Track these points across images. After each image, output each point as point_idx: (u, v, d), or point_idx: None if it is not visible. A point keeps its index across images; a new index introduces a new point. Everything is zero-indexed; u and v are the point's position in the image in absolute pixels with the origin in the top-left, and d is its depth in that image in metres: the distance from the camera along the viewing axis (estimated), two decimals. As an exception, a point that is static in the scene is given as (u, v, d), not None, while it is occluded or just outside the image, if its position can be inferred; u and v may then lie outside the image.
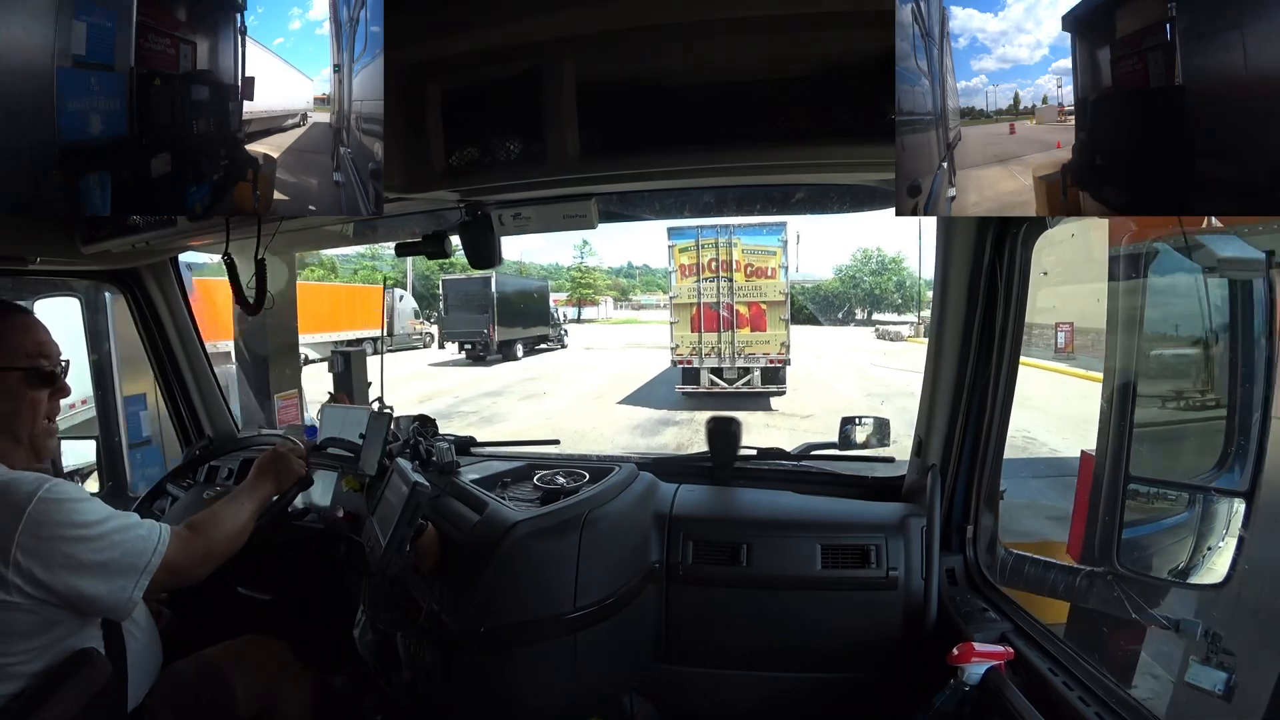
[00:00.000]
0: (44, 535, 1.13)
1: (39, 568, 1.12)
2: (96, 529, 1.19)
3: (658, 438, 9.63)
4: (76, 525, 1.16)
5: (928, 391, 1.72)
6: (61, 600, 1.16)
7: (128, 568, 1.22)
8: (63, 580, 1.14)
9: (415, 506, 1.50)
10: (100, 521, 1.20)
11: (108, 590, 1.20)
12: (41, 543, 1.12)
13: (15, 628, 1.14)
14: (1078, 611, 1.73)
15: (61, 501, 1.16)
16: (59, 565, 1.14)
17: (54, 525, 1.14)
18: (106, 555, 1.19)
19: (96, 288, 2.82)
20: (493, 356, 20.16)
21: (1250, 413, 1.47)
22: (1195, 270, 1.54)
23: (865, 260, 47.26)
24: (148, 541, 1.25)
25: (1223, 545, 1.50)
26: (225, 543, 1.45)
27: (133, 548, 1.23)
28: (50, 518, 1.14)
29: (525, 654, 1.53)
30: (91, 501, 1.22)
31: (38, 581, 1.12)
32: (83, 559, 1.16)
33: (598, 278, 57.67)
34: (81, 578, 1.16)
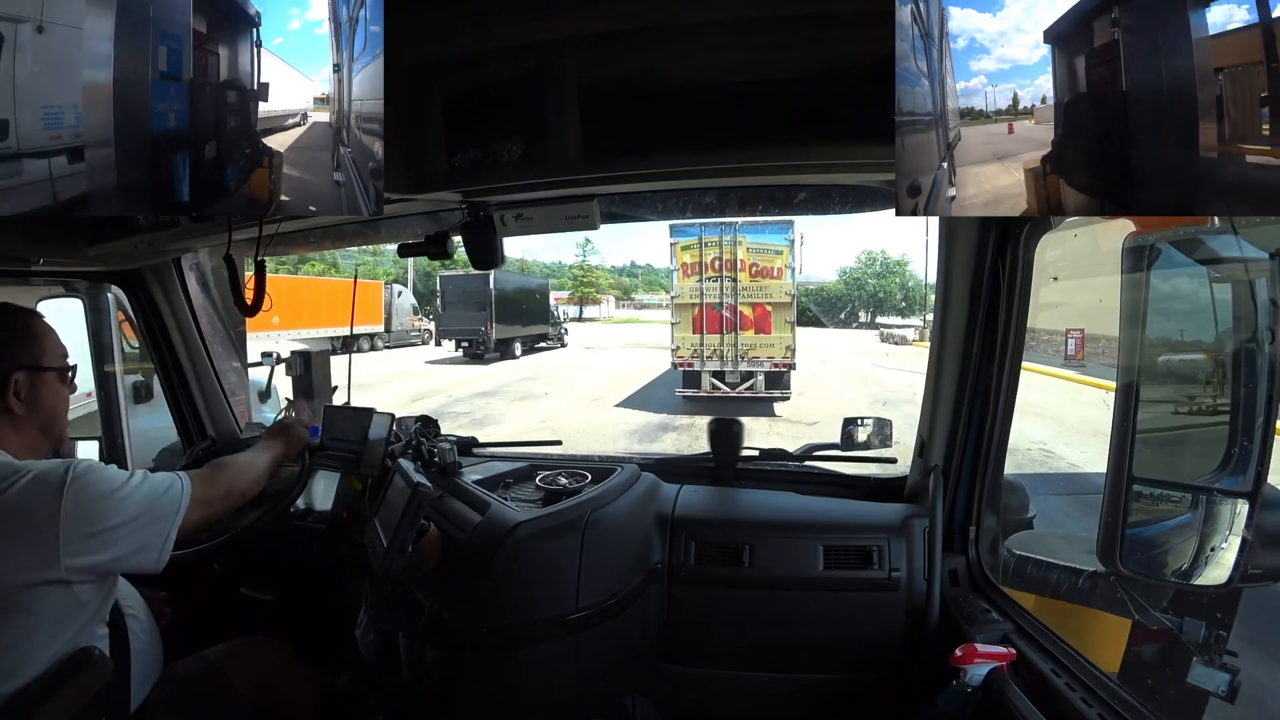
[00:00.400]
0: (85, 511, 1.18)
1: (84, 543, 1.17)
2: (125, 489, 1.25)
3: (655, 444, 9.38)
4: (107, 494, 1.21)
5: (930, 392, 1.72)
6: (103, 569, 1.22)
7: (161, 515, 1.28)
8: (106, 547, 1.19)
9: (417, 507, 1.50)
10: (125, 482, 1.26)
11: (145, 541, 1.25)
12: (85, 518, 1.17)
13: (42, 613, 1.16)
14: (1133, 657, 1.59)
15: (89, 474, 1.21)
16: (99, 534, 1.19)
17: (90, 500, 1.19)
18: (139, 509, 1.25)
19: (99, 288, 2.82)
20: (491, 355, 19.93)
21: (1254, 413, 1.46)
22: (1197, 269, 1.54)
23: (870, 262, 47.20)
24: (173, 488, 1.32)
25: (1226, 546, 1.49)
26: (244, 483, 1.56)
27: (161, 497, 1.29)
28: (85, 493, 1.18)
29: (527, 654, 1.53)
30: (110, 468, 1.27)
31: (85, 557, 1.17)
32: (121, 519, 1.21)
33: (600, 276, 57.71)
34: (121, 538, 1.21)
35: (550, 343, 24.90)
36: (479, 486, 1.84)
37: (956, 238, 1.54)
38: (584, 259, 55.25)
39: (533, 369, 18.40)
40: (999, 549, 1.70)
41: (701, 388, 11.89)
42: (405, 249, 1.76)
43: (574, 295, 53.49)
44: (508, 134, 1.22)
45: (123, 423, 2.93)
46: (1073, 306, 6.34)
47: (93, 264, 2.14)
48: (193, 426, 2.55)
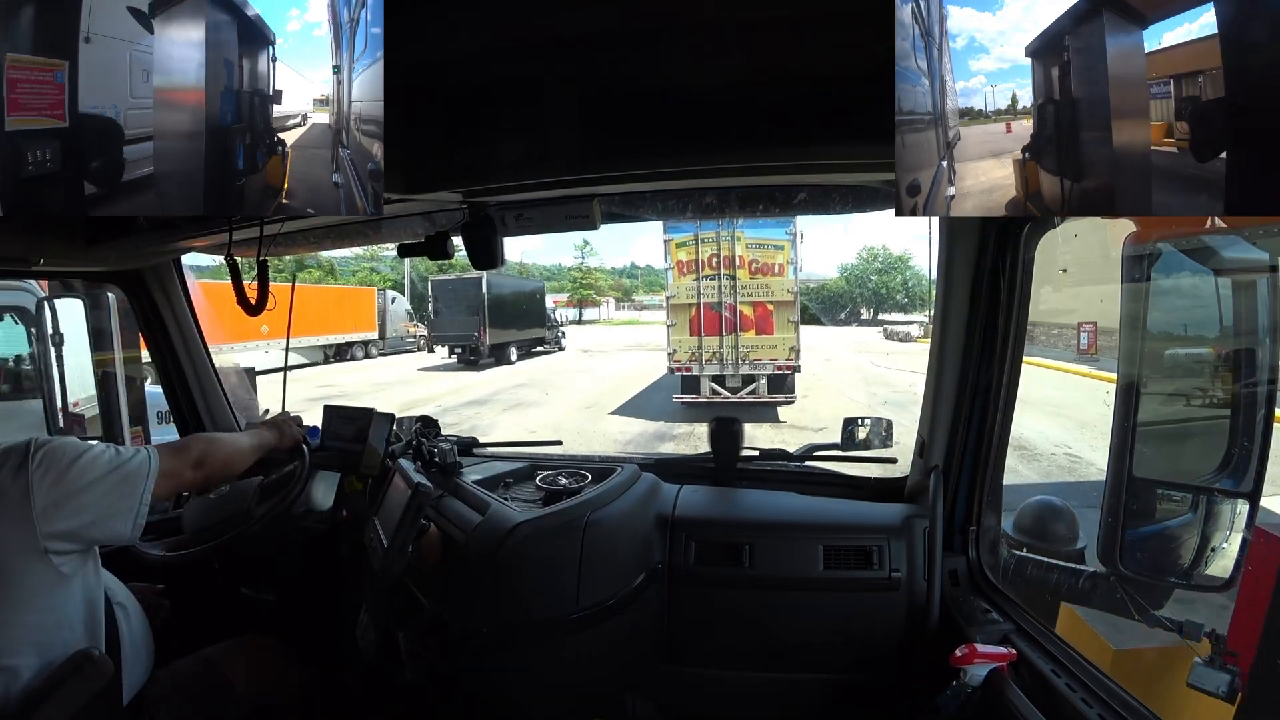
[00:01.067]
0: (53, 477, 1.20)
1: (55, 509, 1.18)
2: (89, 454, 1.26)
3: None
4: (73, 459, 1.24)
5: (930, 392, 1.72)
6: (78, 536, 1.23)
7: (128, 479, 1.29)
8: (78, 513, 1.21)
9: (418, 507, 1.51)
10: (89, 449, 1.28)
11: (114, 506, 1.26)
12: (53, 484, 1.19)
13: (27, 588, 1.17)
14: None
15: (51, 443, 1.24)
16: (69, 498, 1.20)
17: (56, 467, 1.21)
18: (105, 471, 1.26)
19: (99, 288, 2.83)
20: (485, 360, 19.41)
21: (1254, 414, 1.46)
22: (1197, 272, 1.54)
23: (871, 258, 47.02)
24: (139, 455, 1.33)
25: (1226, 546, 1.50)
26: (221, 455, 1.55)
27: (126, 463, 1.30)
28: (51, 460, 1.21)
29: (527, 654, 1.53)
30: (71, 438, 1.30)
31: (58, 523, 1.18)
32: (87, 481, 1.23)
33: (599, 278, 57.65)
34: (91, 502, 1.23)
35: (547, 347, 24.30)
36: (479, 486, 1.84)
37: (957, 238, 1.54)
38: (582, 260, 55.26)
39: (527, 374, 17.81)
40: (999, 549, 1.70)
41: (700, 393, 11.05)
42: (405, 249, 1.76)
43: (573, 297, 53.48)
44: (508, 134, 1.22)
45: (123, 423, 2.93)
46: (1083, 297, 6.18)
47: (93, 264, 2.14)
48: (193, 427, 2.55)
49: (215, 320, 4.96)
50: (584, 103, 1.16)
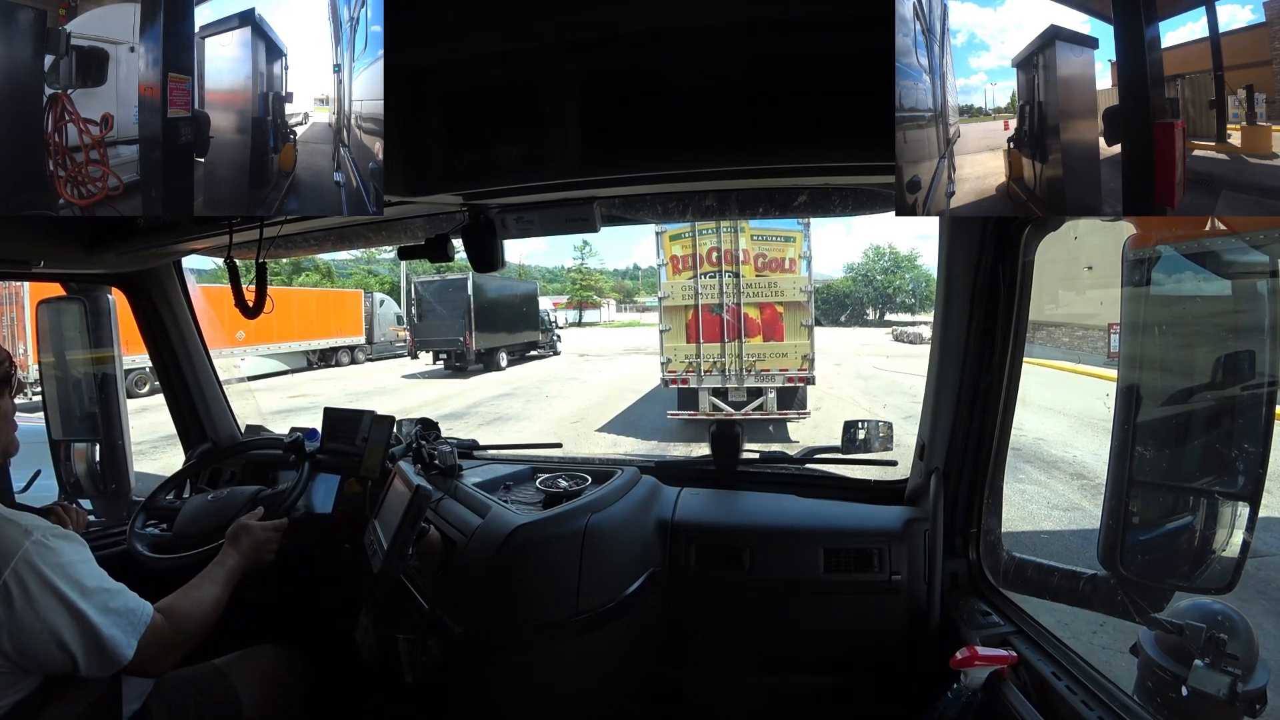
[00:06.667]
0: (36, 583, 1.12)
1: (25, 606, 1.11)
2: (87, 585, 1.18)
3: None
4: (66, 581, 1.16)
5: (931, 395, 1.72)
6: (30, 660, 1.13)
7: (111, 643, 1.19)
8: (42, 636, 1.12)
9: (418, 510, 1.50)
10: (90, 580, 1.19)
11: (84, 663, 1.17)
12: (34, 589, 1.12)
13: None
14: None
15: (50, 551, 1.15)
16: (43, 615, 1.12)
17: (46, 575, 1.13)
18: (94, 627, 1.17)
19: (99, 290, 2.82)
20: (472, 367, 18.49)
21: (1254, 416, 1.46)
22: (1198, 274, 1.54)
23: (878, 257, 46.80)
24: (130, 624, 1.24)
25: (1226, 549, 1.49)
26: (196, 629, 1.43)
27: (114, 628, 1.21)
28: (44, 563, 1.13)
29: (528, 657, 1.53)
30: (83, 559, 1.21)
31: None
32: (70, 618, 1.15)
33: (600, 279, 57.62)
34: (64, 640, 1.14)
35: (541, 351, 23.40)
36: (479, 489, 1.84)
37: (957, 238, 1.54)
38: (582, 261, 55.18)
39: (516, 382, 16.57)
40: (999, 552, 1.70)
41: (699, 409, 9.49)
42: (405, 251, 1.76)
43: (573, 299, 53.42)
44: (508, 137, 1.22)
45: (123, 423, 2.91)
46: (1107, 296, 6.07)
47: (93, 267, 2.14)
48: (192, 429, 2.55)
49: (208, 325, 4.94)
50: (584, 106, 1.16)
